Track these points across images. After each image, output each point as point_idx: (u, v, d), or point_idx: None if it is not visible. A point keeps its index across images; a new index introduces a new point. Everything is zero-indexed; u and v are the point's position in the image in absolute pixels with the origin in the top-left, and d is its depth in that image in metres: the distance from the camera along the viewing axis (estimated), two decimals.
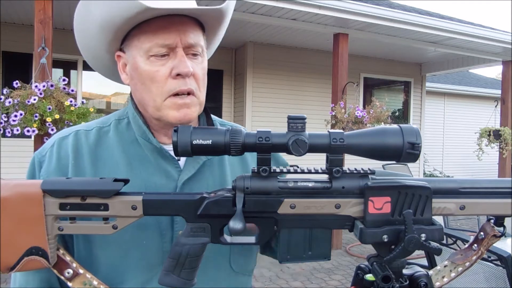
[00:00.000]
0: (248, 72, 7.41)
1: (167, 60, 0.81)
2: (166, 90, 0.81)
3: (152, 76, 0.81)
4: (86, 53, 0.93)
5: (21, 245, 0.70)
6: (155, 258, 0.83)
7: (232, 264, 0.89)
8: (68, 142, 0.87)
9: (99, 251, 0.82)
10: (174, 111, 0.82)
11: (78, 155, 0.86)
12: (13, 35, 6.09)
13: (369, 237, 0.66)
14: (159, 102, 0.82)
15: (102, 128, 0.91)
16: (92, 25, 0.85)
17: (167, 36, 0.80)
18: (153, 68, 0.81)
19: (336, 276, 4.67)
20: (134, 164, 0.86)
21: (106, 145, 0.88)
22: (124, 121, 0.92)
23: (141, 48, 0.82)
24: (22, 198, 0.69)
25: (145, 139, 0.88)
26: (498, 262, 2.10)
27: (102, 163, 0.86)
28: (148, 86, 0.82)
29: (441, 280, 0.75)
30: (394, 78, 8.97)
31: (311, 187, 0.69)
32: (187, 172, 0.87)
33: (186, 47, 0.82)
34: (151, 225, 0.82)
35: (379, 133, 0.67)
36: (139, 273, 0.82)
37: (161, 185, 0.85)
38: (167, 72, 0.81)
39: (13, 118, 3.51)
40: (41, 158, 0.86)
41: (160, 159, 0.87)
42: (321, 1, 5.38)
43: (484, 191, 0.71)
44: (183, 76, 0.81)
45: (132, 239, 0.81)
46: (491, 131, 7.09)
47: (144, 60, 0.82)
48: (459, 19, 7.39)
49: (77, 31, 0.89)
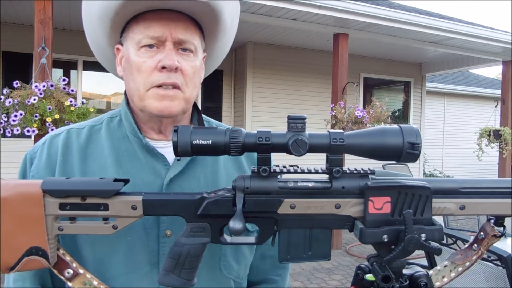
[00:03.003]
0: (248, 72, 7.40)
1: (156, 53, 0.83)
2: (150, 80, 0.83)
3: (139, 66, 0.83)
4: (92, 46, 0.96)
5: (21, 245, 0.70)
6: (141, 255, 0.83)
7: (222, 268, 0.89)
8: (59, 139, 0.88)
9: (84, 245, 0.82)
10: (156, 101, 0.83)
11: (67, 152, 0.87)
12: (13, 35, 6.08)
13: (369, 237, 0.66)
14: (142, 91, 0.83)
15: (94, 126, 0.92)
16: (94, 17, 0.88)
17: (158, 29, 0.82)
18: (141, 59, 0.83)
19: (336, 276, 4.67)
20: (123, 161, 0.87)
21: (96, 142, 0.89)
22: (116, 119, 0.93)
23: (134, 39, 0.84)
24: (22, 198, 0.69)
25: (135, 135, 0.88)
26: (498, 262, 2.10)
27: (91, 160, 0.87)
28: (135, 76, 0.84)
29: (441, 280, 0.75)
30: (394, 78, 8.97)
31: (311, 187, 0.69)
32: (174, 169, 0.87)
33: (176, 42, 0.83)
34: (136, 222, 0.81)
35: (379, 133, 0.67)
36: (125, 270, 0.82)
37: (148, 182, 0.85)
38: (154, 64, 0.82)
39: (13, 118, 3.51)
40: (33, 155, 0.87)
41: (149, 156, 0.87)
42: (321, 1, 5.38)
43: (484, 191, 0.71)
44: (168, 70, 0.82)
45: (118, 234, 0.80)
46: (491, 131, 7.09)
47: (135, 51, 0.84)
48: (459, 19, 7.39)
49: (85, 23, 0.92)
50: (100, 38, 0.91)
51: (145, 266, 0.83)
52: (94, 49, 0.97)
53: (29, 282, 0.84)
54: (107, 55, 0.96)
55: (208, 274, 0.87)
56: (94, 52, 0.97)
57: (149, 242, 0.83)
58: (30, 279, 0.84)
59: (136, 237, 0.83)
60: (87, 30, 0.94)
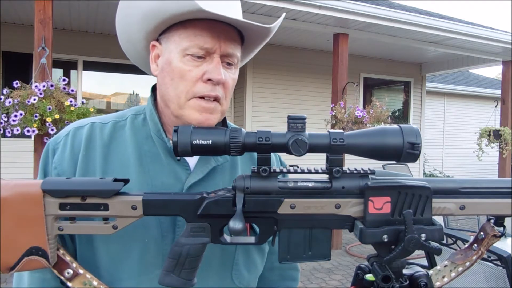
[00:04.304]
0: (248, 72, 7.41)
1: (202, 63, 0.81)
2: (193, 90, 0.81)
3: (183, 74, 0.81)
4: (122, 35, 0.92)
5: (21, 245, 0.70)
6: (155, 258, 0.83)
7: (234, 277, 0.88)
8: (83, 132, 0.87)
9: (100, 246, 0.82)
10: (196, 113, 0.82)
11: (90, 146, 0.86)
12: (13, 35, 6.08)
13: (369, 237, 0.66)
14: (183, 100, 0.82)
15: (118, 122, 0.91)
16: (137, 11, 0.84)
17: (209, 40, 0.80)
18: (186, 67, 0.81)
19: (336, 276, 4.67)
20: (144, 161, 0.86)
21: (120, 139, 0.88)
22: (141, 117, 0.92)
23: (180, 45, 0.81)
24: (22, 198, 0.69)
25: (159, 137, 0.88)
26: (498, 262, 2.10)
27: (113, 157, 0.86)
28: (177, 82, 0.82)
29: (441, 280, 0.75)
30: (394, 78, 8.97)
31: (311, 187, 0.69)
32: (195, 176, 0.86)
33: (223, 55, 0.82)
34: (153, 225, 0.82)
35: (379, 133, 0.67)
36: (138, 272, 0.82)
37: (168, 185, 0.85)
38: (199, 74, 0.81)
39: (13, 118, 3.51)
40: (55, 145, 0.86)
41: (171, 159, 0.87)
42: (321, 1, 5.38)
43: (484, 191, 0.71)
44: (213, 82, 0.81)
45: (134, 234, 0.81)
46: (491, 131, 7.09)
47: (179, 57, 0.81)
48: (459, 19, 7.39)
49: (120, 14, 0.88)
50: (136, 31, 0.87)
51: (156, 269, 0.82)
52: (123, 39, 0.92)
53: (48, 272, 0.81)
54: (137, 47, 0.92)
55: (219, 282, 0.87)
56: (121, 41, 0.93)
57: (164, 246, 0.83)
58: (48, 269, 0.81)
59: (152, 239, 0.82)
60: (120, 20, 0.89)
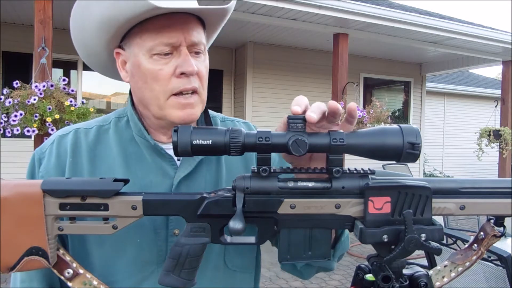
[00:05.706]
0: (248, 72, 7.41)
1: (171, 59, 0.80)
2: (169, 88, 0.81)
3: (155, 74, 0.80)
4: (82, 50, 0.91)
5: (21, 245, 0.69)
6: (149, 256, 0.83)
7: (227, 263, 0.89)
8: (67, 139, 0.88)
9: (93, 248, 0.82)
10: (178, 111, 0.82)
11: (76, 153, 0.86)
12: (13, 35, 6.09)
13: (369, 237, 0.66)
14: (162, 100, 0.81)
15: (102, 126, 0.91)
16: (91, 22, 0.83)
17: (171, 34, 0.79)
18: (156, 67, 0.80)
19: (336, 276, 4.67)
20: (130, 162, 0.86)
21: (105, 143, 0.88)
22: (124, 119, 0.92)
23: (144, 46, 0.80)
24: (22, 198, 0.69)
25: (142, 137, 0.88)
26: (498, 262, 2.10)
27: (99, 161, 0.86)
28: (151, 84, 0.81)
29: (441, 280, 0.75)
30: (394, 78, 8.97)
31: (311, 187, 0.69)
32: (183, 170, 0.87)
33: (189, 46, 0.81)
34: (146, 223, 0.82)
35: (379, 133, 0.67)
36: (132, 272, 0.82)
37: (157, 183, 0.85)
38: (171, 70, 0.80)
39: (13, 118, 3.51)
40: (41, 155, 0.87)
41: (156, 157, 0.87)
42: (321, 1, 5.39)
43: (484, 191, 0.71)
44: (187, 75, 0.80)
45: (127, 236, 0.81)
46: (491, 131, 7.09)
47: (146, 58, 0.80)
48: (459, 19, 7.39)
49: (74, 28, 0.87)
50: (95, 43, 0.86)
51: (151, 266, 0.83)
52: (84, 53, 0.91)
53: (37, 282, 0.83)
54: (100, 59, 0.91)
55: (216, 271, 0.87)
56: (82, 56, 0.92)
57: (158, 242, 0.83)
58: (37, 279, 0.83)
59: (145, 237, 0.83)
60: (76, 35, 0.88)
